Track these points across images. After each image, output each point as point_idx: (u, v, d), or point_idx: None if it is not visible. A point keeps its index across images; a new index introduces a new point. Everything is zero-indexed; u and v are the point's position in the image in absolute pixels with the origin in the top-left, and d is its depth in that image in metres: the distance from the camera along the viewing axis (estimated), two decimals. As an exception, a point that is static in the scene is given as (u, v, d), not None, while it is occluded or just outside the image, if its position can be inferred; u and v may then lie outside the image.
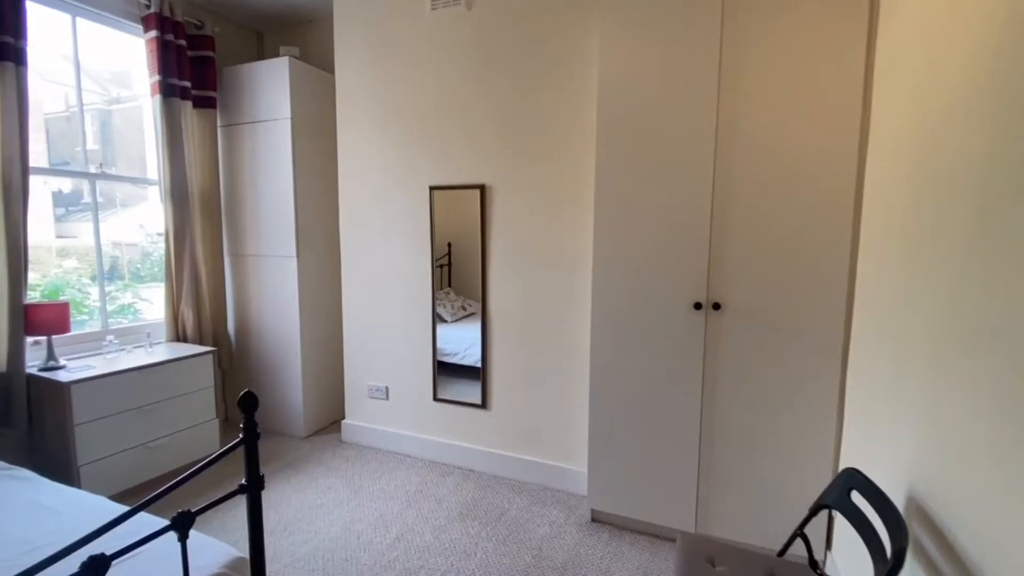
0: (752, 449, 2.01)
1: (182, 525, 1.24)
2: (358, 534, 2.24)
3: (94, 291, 2.98)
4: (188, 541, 1.51)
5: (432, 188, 2.75)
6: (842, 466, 1.85)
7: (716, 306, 2.01)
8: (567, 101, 2.43)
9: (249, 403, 1.39)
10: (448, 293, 2.93)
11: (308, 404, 3.26)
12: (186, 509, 1.26)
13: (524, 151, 2.53)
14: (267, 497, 2.52)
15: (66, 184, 3.02)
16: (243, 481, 1.44)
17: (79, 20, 2.80)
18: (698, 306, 2.03)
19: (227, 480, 2.68)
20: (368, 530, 2.26)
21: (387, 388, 3.02)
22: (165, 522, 1.35)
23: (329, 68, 3.19)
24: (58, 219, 3.01)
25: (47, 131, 2.91)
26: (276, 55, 3.12)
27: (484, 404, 2.74)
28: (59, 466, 2.39)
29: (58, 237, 3.01)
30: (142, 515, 1.71)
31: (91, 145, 2.98)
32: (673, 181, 2.04)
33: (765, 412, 1.98)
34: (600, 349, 2.20)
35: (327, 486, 2.64)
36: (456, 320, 2.92)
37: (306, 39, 3.50)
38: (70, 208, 3.07)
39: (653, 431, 2.15)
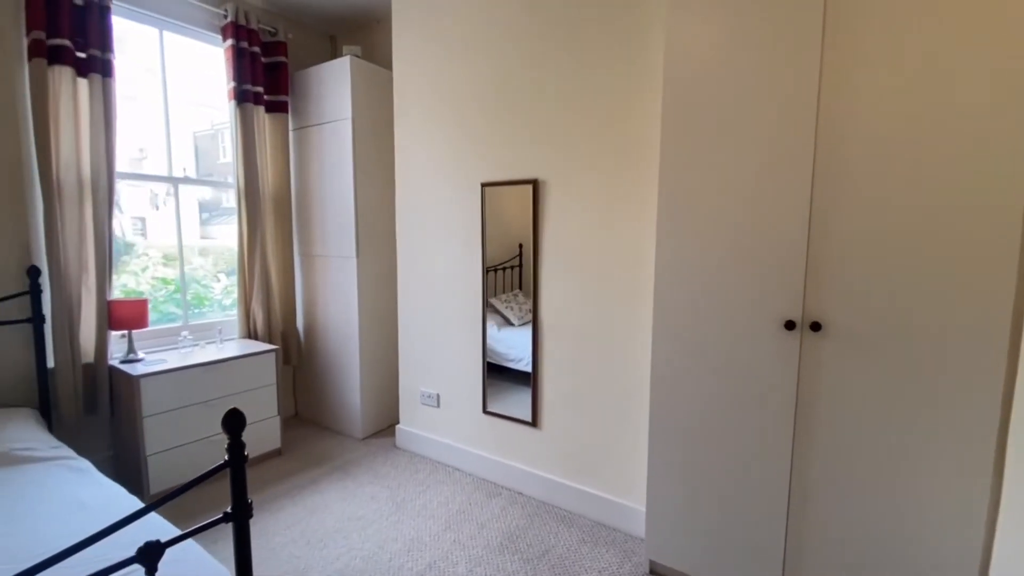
0: (862, 509, 1.51)
1: (150, 557, 1.08)
2: (391, 556, 2.04)
3: (217, 286, 3.27)
4: (178, 559, 1.40)
5: (484, 185, 2.49)
6: (1003, 548, 1.30)
7: (815, 326, 1.54)
8: (629, 82, 2.04)
9: (234, 423, 1.22)
10: (516, 295, 2.66)
11: (366, 406, 3.17)
12: (155, 540, 1.10)
13: (580, 141, 2.18)
14: (313, 501, 2.43)
15: (207, 192, 3.30)
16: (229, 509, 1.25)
17: (165, 33, 2.91)
18: (790, 325, 1.56)
19: (269, 485, 2.63)
20: (401, 552, 2.06)
21: (438, 396, 2.82)
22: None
23: (391, 65, 3.06)
24: (203, 223, 3.34)
25: (195, 147, 3.24)
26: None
27: (534, 422, 2.43)
28: (131, 454, 2.47)
29: (202, 238, 3.35)
30: (160, 521, 1.64)
31: (183, 153, 3.10)
32: (758, 176, 1.59)
33: (883, 462, 1.48)
34: (662, 370, 1.80)
35: (371, 495, 2.49)
36: (523, 324, 2.65)
37: (373, 39, 3.42)
38: (212, 212, 3.39)
39: (728, 474, 1.72)
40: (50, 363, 2.43)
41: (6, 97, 2.30)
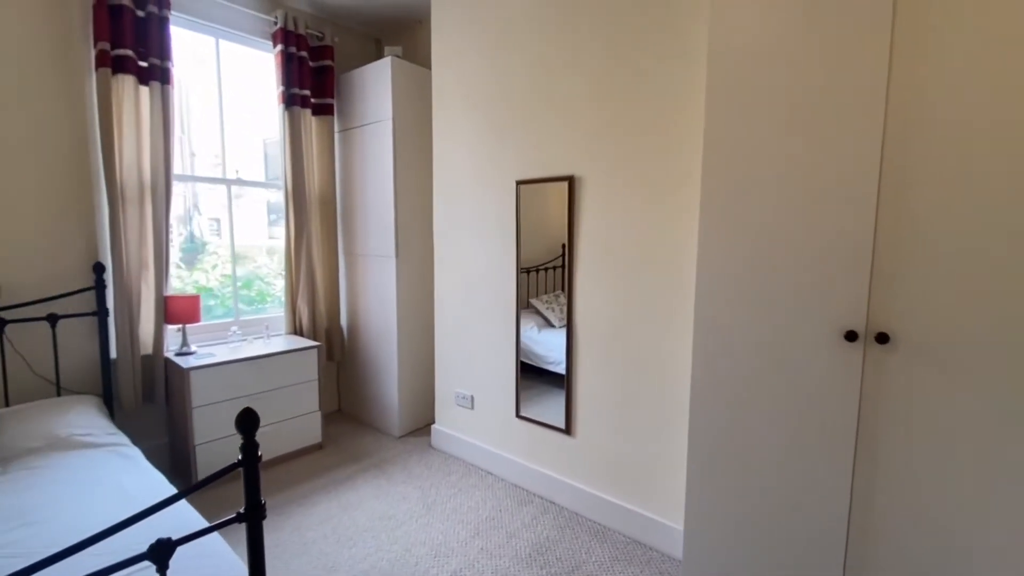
0: (937, 554, 1.30)
1: (160, 556, 1.07)
2: (417, 560, 1.99)
3: (279, 283, 3.39)
4: (200, 553, 1.40)
5: (518, 183, 2.40)
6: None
7: (882, 338, 1.33)
8: (669, 69, 1.88)
9: (247, 423, 1.19)
10: (558, 296, 2.56)
11: (403, 404, 3.16)
12: (167, 538, 1.09)
13: (618, 135, 2.05)
14: (347, 498, 2.43)
15: (274, 195, 3.46)
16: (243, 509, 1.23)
17: (221, 42, 3.02)
18: (851, 336, 1.37)
19: (308, 479, 2.66)
20: (427, 557, 2.01)
21: (472, 397, 2.76)
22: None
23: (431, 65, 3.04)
24: (271, 223, 3.53)
25: (265, 153, 3.43)
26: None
27: (567, 429, 2.32)
28: (182, 443, 2.57)
29: (269, 239, 3.54)
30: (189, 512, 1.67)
31: (254, 157, 3.22)
32: (815, 165, 1.40)
33: (965, 502, 1.26)
34: (703, 381, 1.64)
35: (403, 495, 2.46)
36: (564, 326, 2.53)
37: (416, 40, 3.41)
38: (280, 214, 3.47)
39: (777, 501, 1.54)
40: (113, 354, 2.57)
41: (77, 105, 2.45)
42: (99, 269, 2.50)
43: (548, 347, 2.50)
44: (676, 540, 1.95)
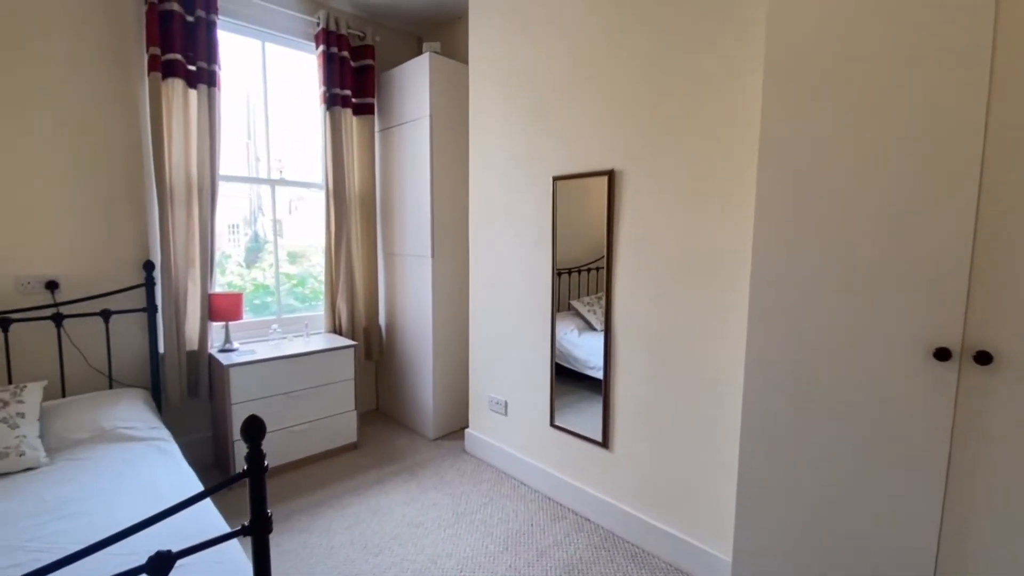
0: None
1: (160, 569, 1.02)
2: (442, 573, 1.89)
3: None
4: (213, 560, 1.35)
5: (555, 179, 2.26)
6: None
7: (983, 358, 1.10)
8: (719, 50, 1.68)
9: (253, 430, 1.12)
10: (600, 298, 2.41)
11: (438, 406, 3.09)
12: (166, 551, 1.03)
13: (662, 124, 1.86)
14: (378, 502, 2.38)
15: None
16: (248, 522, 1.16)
17: (267, 45, 3.06)
18: (943, 355, 1.14)
19: (341, 479, 2.62)
20: (453, 570, 1.90)
21: (506, 403, 2.64)
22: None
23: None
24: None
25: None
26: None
27: (605, 443, 2.15)
28: (222, 438, 2.60)
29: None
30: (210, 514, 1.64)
31: (278, 155, 3.26)
32: (898, 153, 1.18)
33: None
34: (756, 397, 1.44)
35: (433, 502, 2.37)
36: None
37: (456, 35, 3.33)
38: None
39: (842, 537, 1.32)
40: (161, 349, 2.64)
41: (131, 109, 2.52)
42: (149, 267, 2.57)
43: (589, 351, 2.34)
44: (722, 572, 1.74)
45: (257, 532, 1.15)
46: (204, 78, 2.62)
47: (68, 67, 2.33)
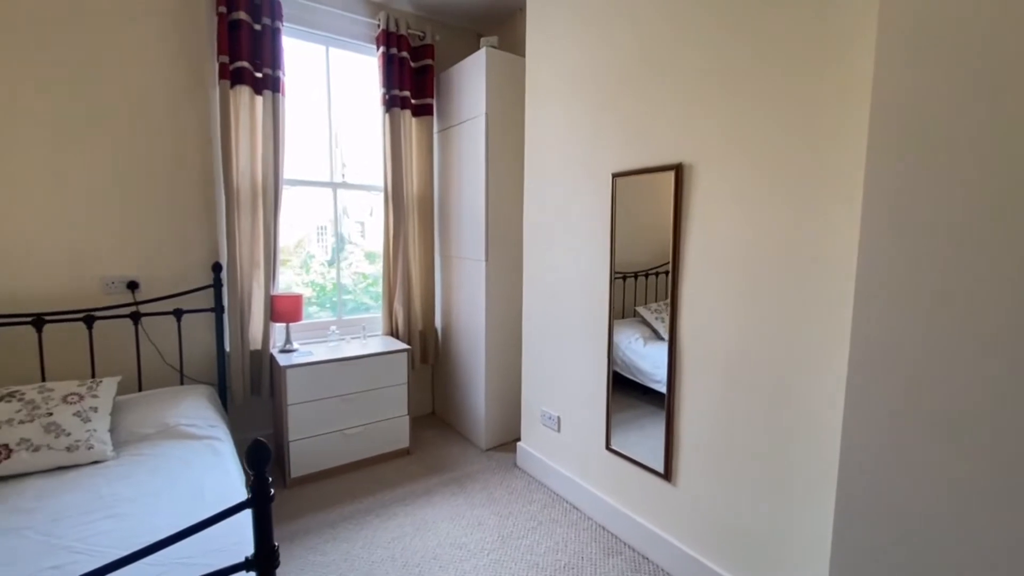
0: None
1: (156, 601, 0.93)
2: (480, 605, 1.73)
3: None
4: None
5: (615, 175, 2.01)
6: None
7: None
8: (811, 19, 1.36)
9: (258, 456, 1.01)
10: (668, 305, 2.15)
11: (490, 416, 2.94)
12: (163, 582, 0.95)
13: (741, 108, 1.56)
14: (423, 515, 2.26)
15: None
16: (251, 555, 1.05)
17: (331, 49, 3.06)
18: None
19: (390, 486, 2.53)
20: (492, 604, 1.73)
21: (559, 419, 2.42)
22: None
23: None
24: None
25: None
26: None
27: (666, 474, 1.87)
28: (280, 437, 2.62)
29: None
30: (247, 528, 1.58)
31: (339, 158, 3.27)
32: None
33: None
34: (860, 432, 1.12)
35: (479, 521, 2.22)
36: None
37: (515, 28, 3.16)
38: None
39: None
40: (227, 347, 2.71)
41: (203, 116, 2.60)
42: (217, 268, 2.64)
43: (655, 363, 2.07)
44: (811, 648, 1.42)
45: (263, 568, 1.04)
46: (269, 84, 2.65)
47: (147, 79, 2.43)
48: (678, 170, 1.74)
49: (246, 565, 1.04)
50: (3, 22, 2.12)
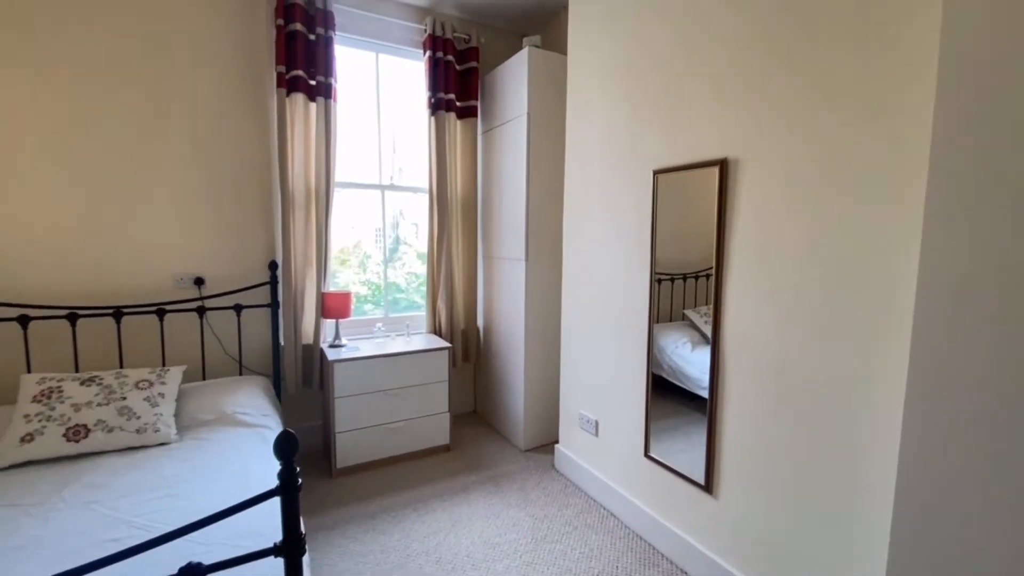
0: None
1: (189, 580, 0.98)
2: (510, 607, 1.71)
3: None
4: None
5: (656, 172, 1.92)
6: None
7: None
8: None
9: (286, 446, 1.04)
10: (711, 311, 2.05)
11: (529, 416, 2.91)
12: (196, 563, 0.99)
13: (789, 98, 1.44)
14: (459, 512, 2.27)
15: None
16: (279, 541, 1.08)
17: (381, 56, 3.15)
18: None
19: (429, 482, 2.56)
20: (522, 607, 1.71)
21: (597, 423, 2.36)
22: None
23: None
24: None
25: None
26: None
27: (707, 486, 1.76)
28: (328, 428, 2.72)
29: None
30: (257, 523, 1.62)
31: (393, 162, 3.36)
32: None
33: None
34: (920, 451, 1.00)
35: (514, 521, 2.20)
36: None
37: (558, 27, 3.11)
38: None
39: None
40: (281, 341, 2.85)
41: (262, 123, 2.75)
42: (273, 266, 2.78)
43: (703, 369, 1.96)
44: None
45: (289, 554, 1.07)
46: (322, 91, 2.75)
47: (214, 91, 2.60)
48: (722, 165, 1.64)
49: (275, 551, 1.07)
50: (89, 40, 2.33)
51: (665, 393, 2.02)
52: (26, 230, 2.27)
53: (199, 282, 2.64)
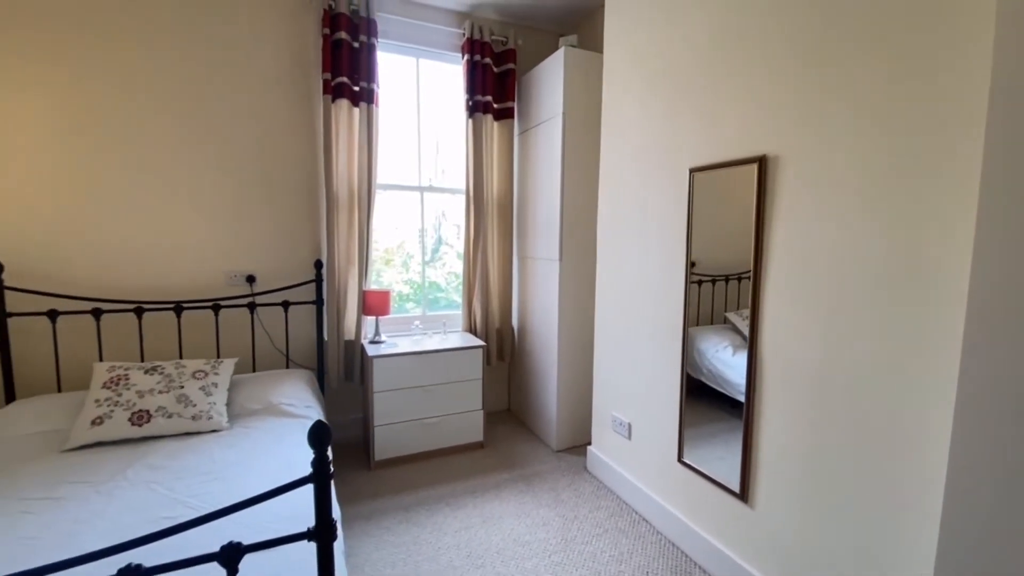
0: None
1: (230, 559, 1.04)
2: (537, 605, 1.71)
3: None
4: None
5: (692, 170, 1.86)
6: None
7: None
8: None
9: (319, 436, 1.09)
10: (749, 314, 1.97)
11: (561, 417, 2.89)
12: (236, 542, 1.05)
13: (832, 90, 1.36)
14: (491, 509, 2.29)
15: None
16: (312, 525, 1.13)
17: (421, 60, 3.22)
18: None
19: (462, 477, 2.59)
20: (549, 606, 1.70)
21: (630, 425, 2.31)
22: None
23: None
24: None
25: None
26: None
27: (743, 494, 1.69)
28: (368, 421, 2.81)
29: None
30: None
31: (434, 164, 3.42)
32: None
33: None
34: (969, 462, 0.92)
35: (544, 521, 2.19)
36: None
37: (596, 25, 3.07)
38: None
39: None
40: (325, 337, 2.96)
41: (309, 129, 2.87)
42: (318, 265, 2.90)
43: (744, 374, 1.90)
44: None
45: (321, 539, 1.12)
46: (365, 96, 2.85)
47: (266, 99, 2.74)
48: (761, 162, 1.57)
49: (307, 535, 1.12)
50: (159, 53, 2.50)
51: (705, 398, 1.96)
52: (103, 233, 2.47)
53: (251, 279, 2.78)
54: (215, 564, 1.02)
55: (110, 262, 2.49)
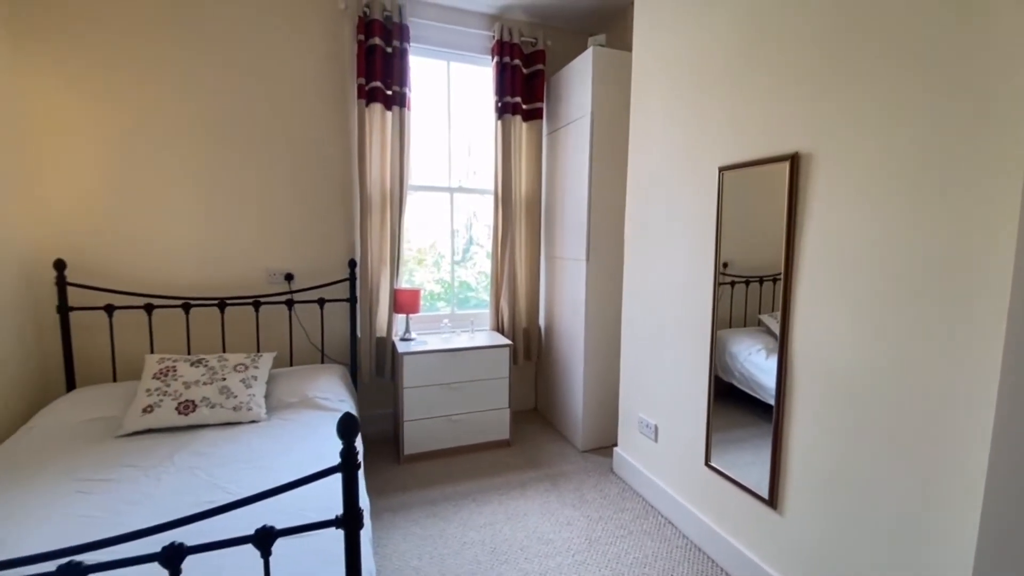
0: None
1: (263, 542, 1.09)
2: (559, 603, 1.71)
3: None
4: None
5: (722, 169, 1.82)
6: None
7: None
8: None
9: (348, 428, 1.12)
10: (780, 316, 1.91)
11: (587, 417, 2.88)
12: (270, 526, 1.10)
13: (867, 84, 1.30)
14: (516, 506, 2.31)
15: None
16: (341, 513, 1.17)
17: (452, 64, 3.26)
18: None
19: (489, 474, 2.62)
20: (571, 605, 1.70)
21: (656, 427, 2.28)
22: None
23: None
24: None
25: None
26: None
27: (771, 500, 1.65)
28: (398, 416, 2.88)
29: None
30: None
31: (464, 165, 3.47)
32: None
33: None
34: (1009, 470, 0.87)
35: (568, 520, 2.19)
36: None
37: (625, 24, 3.04)
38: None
39: None
40: (358, 333, 3.05)
41: (344, 132, 2.96)
42: (352, 264, 2.98)
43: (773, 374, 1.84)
44: None
45: (348, 526, 1.16)
46: (397, 100, 2.91)
47: (304, 104, 2.84)
48: (793, 160, 1.52)
49: (335, 522, 1.16)
50: (205, 64, 2.64)
51: (736, 402, 1.91)
52: (154, 232, 2.62)
53: (289, 277, 2.89)
54: (250, 546, 1.07)
55: (161, 260, 2.64)
